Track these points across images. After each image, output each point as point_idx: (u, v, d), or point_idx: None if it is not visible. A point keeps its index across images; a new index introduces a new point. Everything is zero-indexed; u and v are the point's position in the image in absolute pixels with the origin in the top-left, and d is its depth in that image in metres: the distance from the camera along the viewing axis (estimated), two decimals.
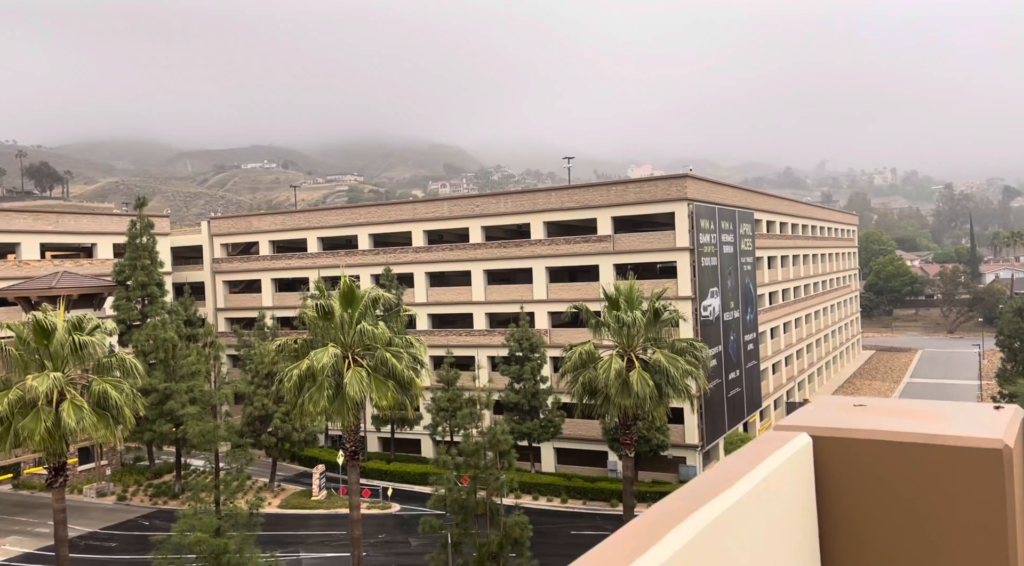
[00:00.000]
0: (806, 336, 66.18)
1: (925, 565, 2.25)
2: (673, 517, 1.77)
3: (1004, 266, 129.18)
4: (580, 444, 44.95)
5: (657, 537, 1.60)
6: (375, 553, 34.24)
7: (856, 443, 2.32)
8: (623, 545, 1.58)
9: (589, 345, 30.34)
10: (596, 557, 1.52)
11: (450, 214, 50.17)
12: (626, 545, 1.56)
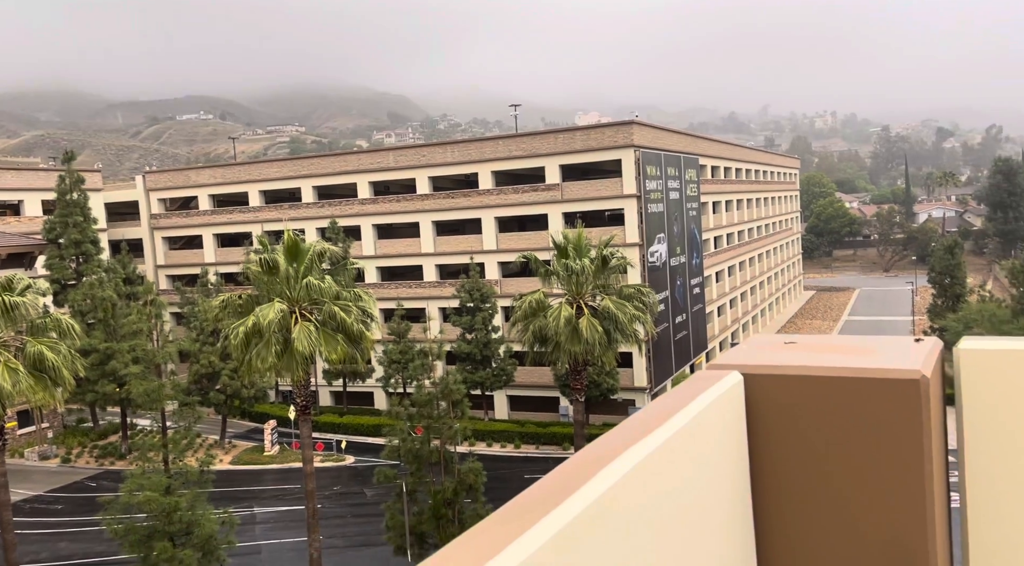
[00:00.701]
0: (750, 279, 67.75)
1: (849, 494, 2.37)
2: (605, 457, 1.78)
3: (936, 205, 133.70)
4: (532, 391, 45.58)
5: (589, 475, 1.60)
6: (330, 505, 34.43)
7: (785, 379, 2.39)
8: (555, 486, 1.57)
9: (539, 294, 30.48)
10: (527, 498, 1.55)
11: (396, 164, 49.32)
12: (558, 485, 1.55)
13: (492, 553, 1.32)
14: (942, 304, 55.19)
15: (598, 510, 1.57)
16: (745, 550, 2.55)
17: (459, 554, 1.39)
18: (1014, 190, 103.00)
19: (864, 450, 2.41)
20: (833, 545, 2.47)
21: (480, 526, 1.48)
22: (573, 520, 1.46)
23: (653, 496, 1.88)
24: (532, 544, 1.31)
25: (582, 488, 1.53)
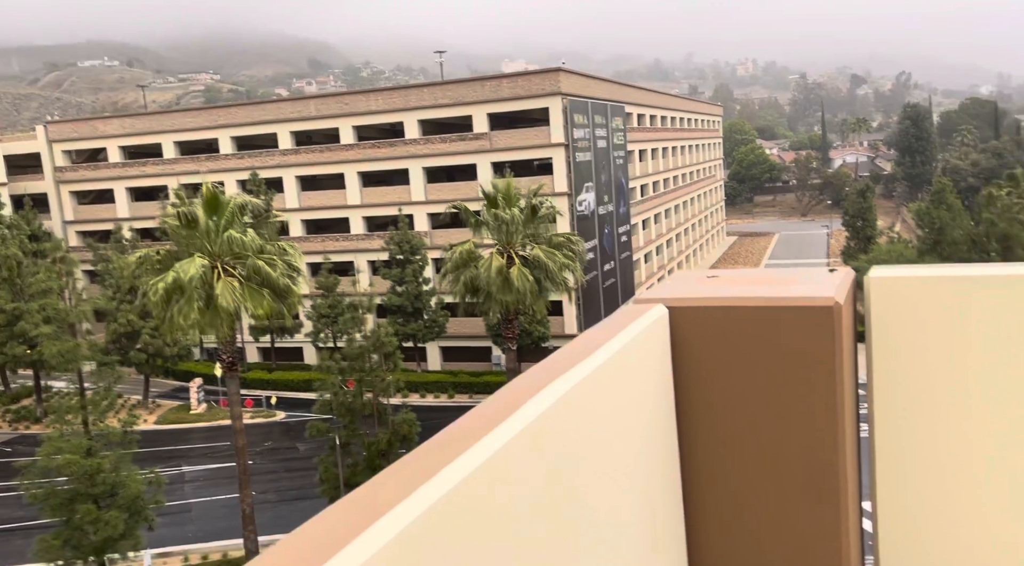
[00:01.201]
0: (675, 226, 69.11)
1: (767, 418, 2.48)
2: (530, 390, 1.80)
3: (850, 151, 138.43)
4: (464, 341, 45.76)
5: (513, 408, 1.61)
6: (262, 460, 34.11)
7: (707, 310, 2.52)
8: (478, 421, 1.57)
9: (469, 244, 30.35)
10: (448, 434, 1.55)
11: (318, 113, 47.77)
12: (482, 420, 1.55)
13: (416, 485, 1.32)
14: (855, 246, 57.70)
15: (522, 442, 1.59)
16: (670, 476, 2.66)
17: (389, 483, 1.36)
18: (921, 135, 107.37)
19: (782, 376, 2.52)
20: (753, 467, 2.60)
21: (402, 461, 1.47)
22: (496, 453, 1.47)
23: (579, 427, 1.92)
24: (455, 477, 1.31)
25: (506, 421, 1.54)
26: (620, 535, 2.30)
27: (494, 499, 1.51)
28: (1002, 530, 2.78)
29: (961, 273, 2.81)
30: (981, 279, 2.73)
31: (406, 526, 1.28)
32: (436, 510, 1.37)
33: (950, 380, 2.80)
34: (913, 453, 2.85)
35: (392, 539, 1.25)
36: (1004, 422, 2.76)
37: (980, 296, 2.77)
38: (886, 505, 2.90)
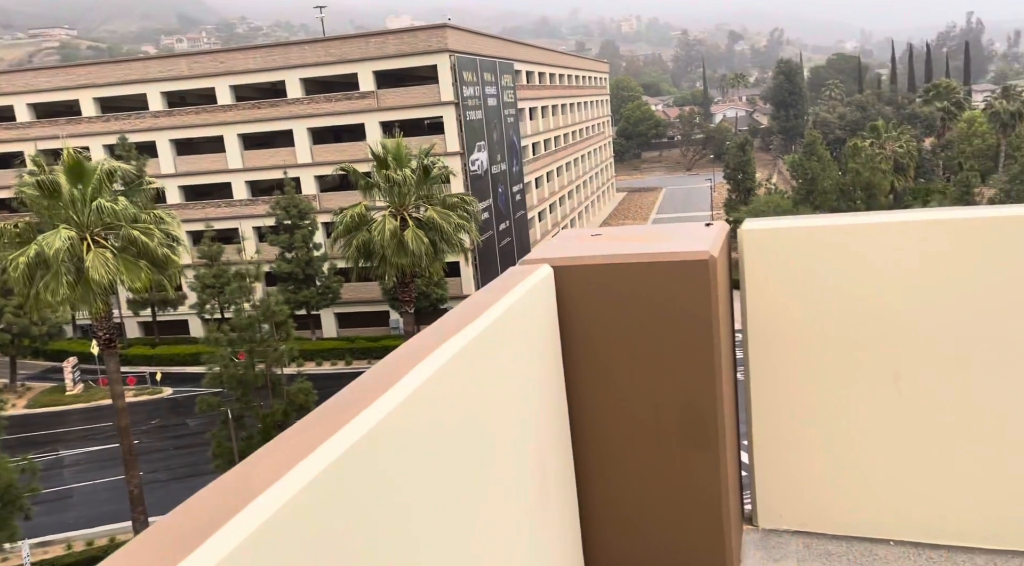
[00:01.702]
0: (567, 183, 69.89)
1: (650, 367, 2.54)
2: (415, 357, 1.74)
3: (730, 106, 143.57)
4: (360, 307, 44.92)
5: (397, 377, 1.57)
6: (150, 439, 32.63)
7: (590, 269, 2.50)
8: (362, 390, 1.53)
9: (360, 207, 29.54)
10: (333, 405, 1.48)
11: (191, 72, 44.90)
12: (365, 389, 1.52)
13: (293, 463, 1.24)
14: (736, 198, 60.17)
15: (407, 411, 1.55)
16: (560, 429, 2.65)
17: (264, 462, 1.24)
18: (793, 90, 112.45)
19: (662, 328, 2.47)
20: (637, 417, 2.64)
21: (279, 437, 1.36)
22: (379, 423, 1.41)
23: (468, 389, 1.90)
24: (334, 452, 1.21)
25: (389, 390, 1.51)
26: (514, 491, 2.28)
27: (378, 471, 1.44)
28: (869, 465, 2.92)
29: (825, 223, 2.91)
30: (843, 228, 2.84)
31: (281, 507, 1.18)
32: (314, 488, 1.28)
33: (818, 323, 2.90)
34: (785, 396, 2.94)
35: (265, 522, 1.14)
36: (868, 362, 2.89)
37: (843, 243, 2.88)
38: (761, 446, 3.01)
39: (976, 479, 2.76)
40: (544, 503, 2.44)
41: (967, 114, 76.61)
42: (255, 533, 1.12)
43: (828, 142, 68.84)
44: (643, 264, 2.49)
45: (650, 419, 2.60)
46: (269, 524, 1.15)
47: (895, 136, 63.13)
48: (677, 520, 2.68)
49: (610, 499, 2.74)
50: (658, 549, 2.75)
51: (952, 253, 2.64)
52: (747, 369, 2.94)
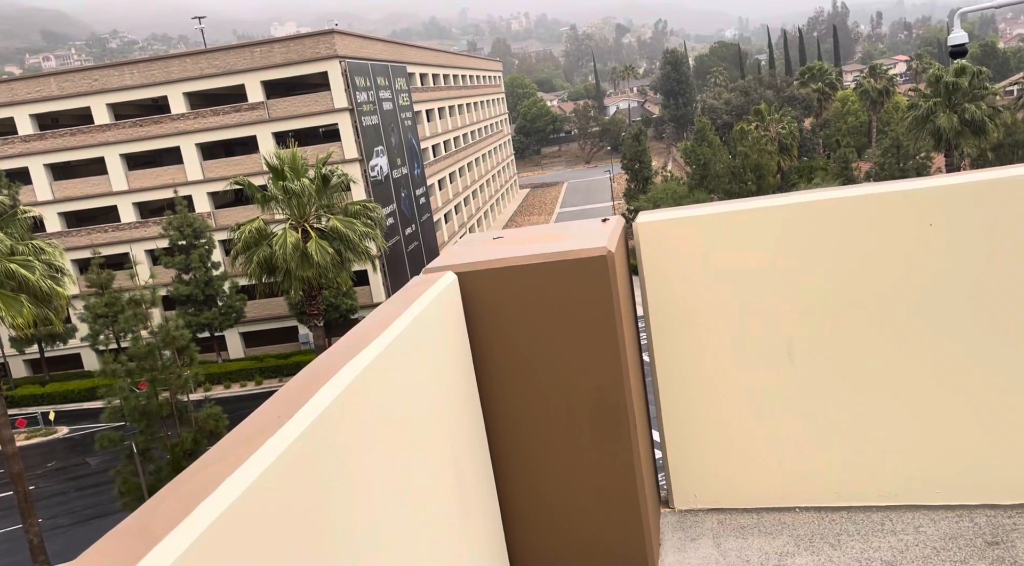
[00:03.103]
0: (471, 183, 69.97)
1: (560, 364, 2.59)
2: (328, 371, 1.71)
3: (622, 98, 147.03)
4: (267, 324, 43.61)
5: (301, 402, 1.55)
6: (48, 483, 30.71)
7: (494, 273, 2.52)
8: (263, 419, 1.51)
9: (258, 221, 28.66)
10: (233, 438, 1.46)
11: (62, 92, 42.41)
12: (267, 418, 1.50)
13: (194, 503, 1.21)
14: (635, 187, 61.68)
15: (315, 436, 1.52)
16: (476, 434, 2.66)
17: (164, 505, 1.19)
18: (681, 78, 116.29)
19: (568, 323, 2.51)
20: (550, 415, 2.69)
21: (179, 478, 1.32)
22: (282, 455, 1.39)
23: (382, 400, 1.88)
24: (237, 488, 1.18)
25: (293, 417, 1.47)
26: (432, 500, 2.26)
27: (289, 500, 1.40)
28: (771, 438, 3.05)
29: (714, 211, 3.03)
30: (731, 215, 2.97)
31: (184, 552, 1.11)
32: (218, 527, 1.22)
33: (715, 306, 3.02)
34: (690, 379, 3.04)
35: None
36: (764, 339, 3.02)
37: (731, 229, 3.01)
38: (671, 430, 3.10)
39: (869, 442, 2.91)
40: (464, 507, 2.43)
41: (840, 94, 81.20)
42: None
43: (717, 127, 71.50)
44: (544, 264, 2.53)
45: (563, 413, 2.63)
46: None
47: (778, 118, 66.20)
48: (596, 509, 2.72)
49: (530, 495, 2.76)
50: (580, 539, 2.78)
51: (832, 231, 2.78)
52: (652, 356, 3.02)
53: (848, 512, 2.95)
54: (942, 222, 2.68)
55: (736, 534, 2.93)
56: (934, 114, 46.03)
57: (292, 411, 1.57)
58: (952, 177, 2.75)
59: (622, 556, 2.75)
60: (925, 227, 2.69)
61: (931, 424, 2.83)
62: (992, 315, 2.71)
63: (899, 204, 2.70)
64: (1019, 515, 2.79)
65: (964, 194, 2.68)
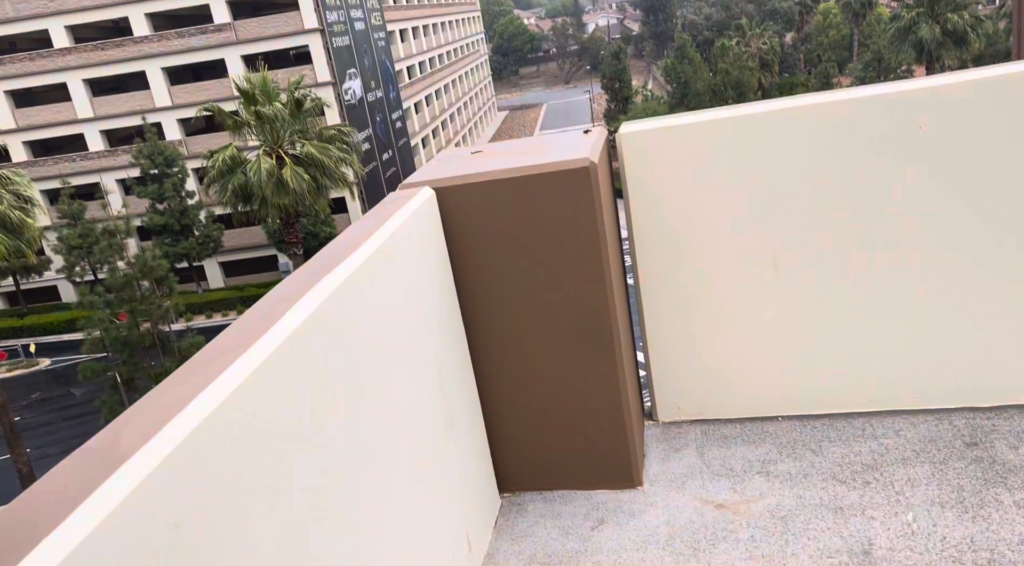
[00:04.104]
0: (448, 106, 68.55)
1: (542, 282, 2.55)
2: (300, 288, 1.68)
3: (601, 15, 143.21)
4: (246, 253, 43.24)
5: (283, 310, 1.53)
6: (34, 414, 30.87)
7: (473, 188, 2.46)
8: (237, 336, 1.49)
9: (231, 148, 28.00)
10: (207, 354, 1.44)
11: (17, 14, 40.48)
12: (241, 335, 1.48)
13: (163, 422, 1.19)
14: (615, 108, 60.76)
15: (296, 343, 1.49)
16: (459, 349, 2.64)
17: (132, 423, 1.16)
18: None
19: (551, 237, 2.43)
20: (534, 328, 2.67)
21: (149, 395, 1.30)
22: (257, 371, 1.35)
23: (357, 318, 1.84)
24: (208, 405, 1.23)
25: (267, 333, 1.45)
26: (417, 419, 2.25)
27: (261, 418, 1.37)
28: (755, 350, 3.05)
29: (699, 119, 2.94)
30: (716, 122, 2.88)
31: (152, 471, 1.08)
32: (187, 446, 1.19)
33: (699, 218, 2.96)
34: (673, 293, 3.01)
35: (136, 487, 1.05)
36: (748, 251, 2.98)
37: (717, 138, 2.93)
38: (655, 345, 3.10)
39: (851, 350, 2.93)
40: (450, 425, 2.42)
41: (822, 6, 79.50)
42: (127, 499, 1.03)
43: (697, 44, 70.13)
44: (525, 177, 2.47)
45: (547, 329, 2.61)
46: (141, 489, 1.06)
47: (759, 33, 64.98)
48: (581, 423, 2.74)
49: (515, 411, 2.77)
50: (566, 453, 2.81)
51: (820, 137, 2.71)
52: (636, 273, 2.99)
53: (830, 419, 3.00)
54: (931, 125, 2.62)
55: (719, 443, 2.97)
56: (916, 25, 45.45)
57: (263, 329, 1.52)
58: (941, 78, 2.68)
59: (607, 467, 2.79)
60: (914, 130, 2.63)
61: (912, 331, 2.85)
62: (975, 220, 2.69)
63: (887, 107, 2.64)
64: (997, 416, 2.84)
65: (954, 95, 2.61)
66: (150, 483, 1.08)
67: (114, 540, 0.98)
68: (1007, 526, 2.31)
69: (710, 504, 2.64)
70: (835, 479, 2.66)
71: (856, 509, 2.50)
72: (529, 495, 2.85)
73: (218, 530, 1.21)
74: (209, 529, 1.19)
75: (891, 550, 2.29)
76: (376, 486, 1.83)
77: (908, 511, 2.45)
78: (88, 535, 0.94)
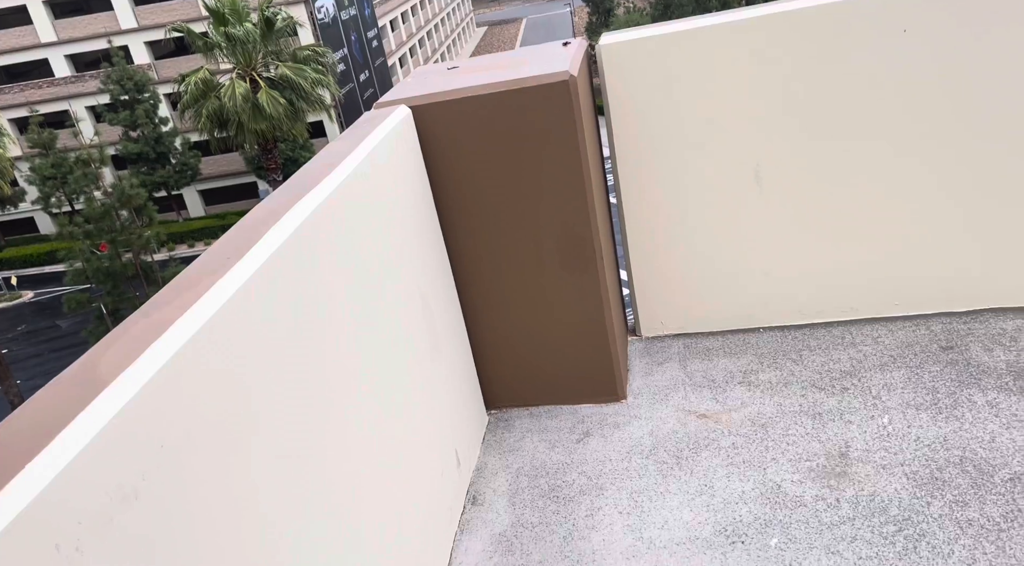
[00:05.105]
0: (424, 23, 66.45)
1: (523, 200, 2.53)
2: (275, 213, 1.66)
3: None
4: (226, 181, 42.57)
5: (263, 232, 1.52)
6: (20, 346, 30.90)
7: (451, 105, 2.40)
8: (215, 259, 1.49)
9: (203, 72, 27.17)
10: (184, 279, 1.43)
11: None
12: (218, 258, 1.48)
13: (160, 331, 1.21)
14: (597, 21, 59.07)
15: (276, 265, 1.48)
16: (441, 268, 2.65)
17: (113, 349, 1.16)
18: None
19: (531, 154, 2.39)
20: (516, 244, 2.66)
21: (141, 310, 1.31)
22: (235, 295, 1.35)
23: (336, 239, 1.84)
24: (188, 330, 1.23)
25: (256, 246, 1.43)
26: (401, 342, 2.26)
27: (242, 342, 1.36)
28: (737, 262, 3.06)
29: (680, 28, 2.84)
30: (697, 31, 2.80)
31: (132, 397, 1.08)
32: (167, 372, 1.18)
33: (681, 131, 2.91)
34: (656, 209, 2.99)
35: (119, 411, 1.06)
36: (730, 163, 2.95)
37: (698, 47, 2.85)
38: (638, 263, 3.10)
39: (831, 260, 2.95)
40: (435, 345, 2.44)
41: None
42: (111, 422, 1.03)
43: None
44: (504, 93, 2.41)
45: (529, 247, 2.60)
46: (125, 412, 1.06)
47: None
48: (565, 341, 2.76)
49: (499, 329, 2.79)
50: (551, 370, 2.85)
51: (803, 44, 2.65)
52: (618, 190, 2.96)
53: (811, 329, 3.04)
54: (915, 28, 2.56)
55: (702, 356, 3.02)
56: None
57: (241, 252, 1.50)
58: None
59: (591, 382, 2.83)
60: (898, 34, 2.58)
61: (890, 240, 2.86)
62: (955, 128, 2.67)
63: (870, 10, 2.57)
64: (973, 320, 2.90)
65: None
66: (134, 406, 1.08)
67: (99, 463, 0.98)
68: (979, 425, 2.39)
69: (692, 414, 2.70)
70: (814, 386, 2.72)
71: (834, 414, 2.56)
72: (516, 411, 2.90)
73: (206, 452, 1.22)
74: (197, 451, 1.19)
75: (867, 451, 2.37)
76: (363, 407, 1.85)
77: (884, 414, 2.52)
78: (73, 459, 0.94)
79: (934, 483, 2.19)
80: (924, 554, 1.97)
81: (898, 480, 2.23)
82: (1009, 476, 2.17)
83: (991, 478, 2.17)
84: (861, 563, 1.98)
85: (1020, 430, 2.32)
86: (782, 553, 2.06)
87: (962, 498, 2.12)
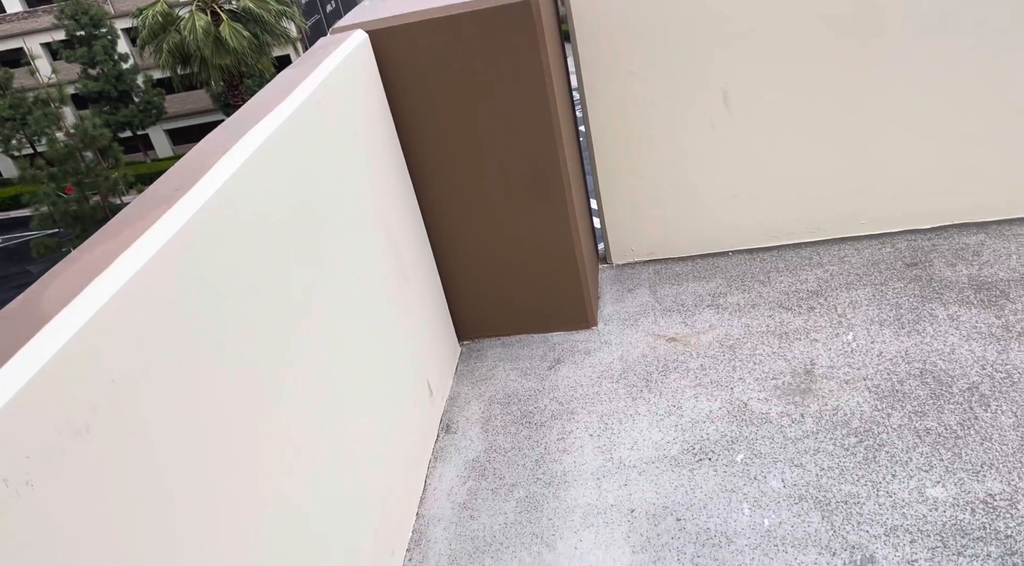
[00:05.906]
0: None
1: (488, 127, 2.48)
2: (226, 142, 1.62)
3: None
4: (192, 119, 41.46)
5: (211, 164, 1.48)
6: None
7: (409, 28, 2.33)
8: (165, 188, 1.46)
9: (161, 5, 26.13)
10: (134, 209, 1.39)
11: None
12: (168, 187, 1.44)
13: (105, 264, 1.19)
14: None
15: (229, 194, 1.45)
16: (406, 198, 2.61)
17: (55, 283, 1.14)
18: None
19: (494, 80, 2.33)
20: (482, 173, 2.61)
21: (88, 242, 1.28)
22: (200, 211, 1.33)
23: (292, 169, 1.80)
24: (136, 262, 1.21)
25: (206, 175, 1.40)
26: (367, 273, 2.24)
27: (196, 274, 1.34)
28: (705, 187, 3.05)
29: None
30: None
31: (75, 333, 1.06)
32: (112, 306, 1.16)
33: (648, 55, 2.82)
34: (624, 138, 2.94)
35: (60, 349, 1.03)
36: (698, 86, 2.86)
37: None
38: (607, 191, 3.07)
39: (799, 182, 2.94)
40: (403, 277, 2.42)
41: None
42: (52, 361, 1.00)
43: None
44: (463, 15, 2.33)
45: (495, 176, 2.56)
46: (67, 349, 1.03)
47: None
48: (535, 270, 2.76)
49: (469, 263, 2.77)
50: (521, 300, 2.85)
51: None
52: (586, 118, 2.91)
53: (779, 251, 3.06)
54: None
55: (671, 281, 3.03)
56: None
57: (191, 182, 1.45)
58: None
59: (562, 311, 2.84)
60: None
61: (857, 160, 2.86)
62: (918, 46, 2.64)
63: None
64: (937, 236, 2.93)
65: None
66: (78, 339, 1.05)
67: (44, 397, 0.97)
68: (940, 338, 2.44)
69: (661, 338, 2.73)
70: (781, 307, 2.76)
71: (800, 333, 2.60)
72: (488, 341, 2.92)
73: (161, 385, 1.20)
74: (152, 384, 1.18)
75: (831, 368, 2.41)
76: (328, 338, 1.84)
77: (849, 331, 2.56)
78: (14, 395, 0.93)
79: (895, 395, 2.25)
80: (883, 463, 2.04)
81: (860, 394, 2.28)
82: (967, 386, 2.22)
83: (949, 388, 2.23)
84: (823, 474, 2.04)
85: (979, 342, 2.37)
86: (747, 467, 2.11)
87: (921, 408, 2.18)
